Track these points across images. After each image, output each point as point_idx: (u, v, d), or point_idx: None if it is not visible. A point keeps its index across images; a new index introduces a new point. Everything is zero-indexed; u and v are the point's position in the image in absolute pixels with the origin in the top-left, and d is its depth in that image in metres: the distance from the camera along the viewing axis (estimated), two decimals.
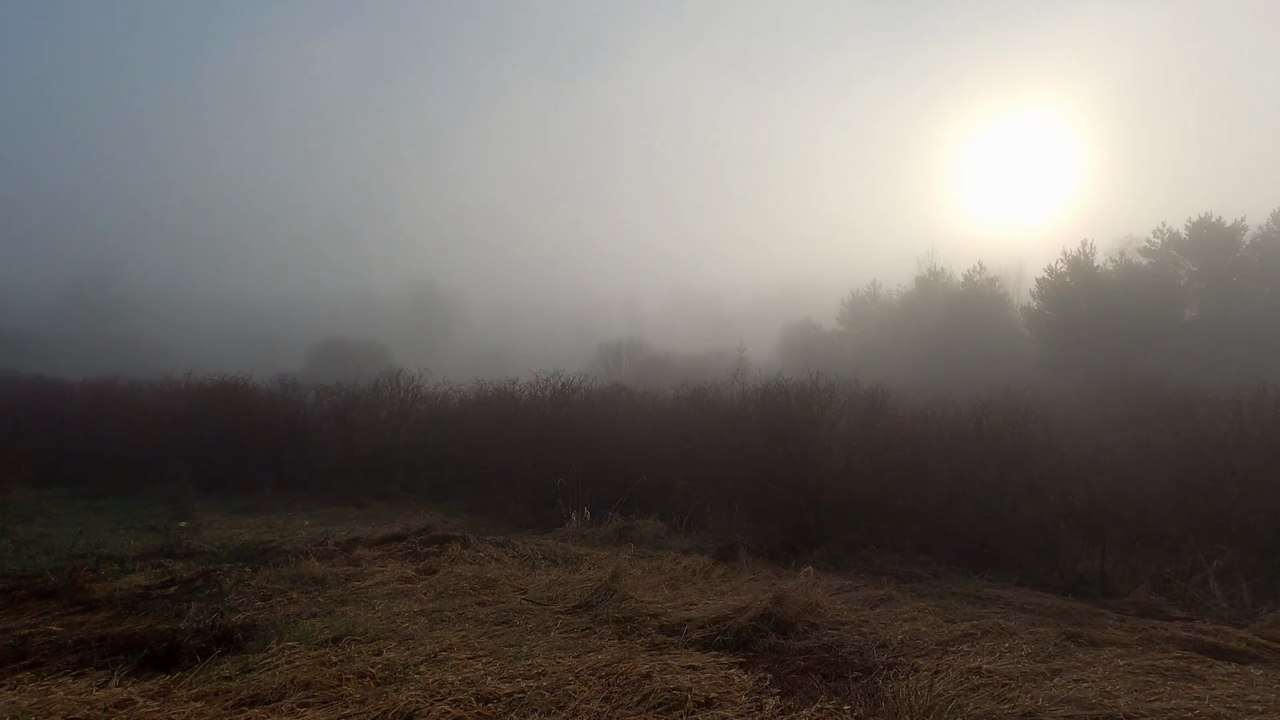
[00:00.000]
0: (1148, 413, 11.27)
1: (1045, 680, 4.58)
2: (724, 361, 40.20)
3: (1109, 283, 32.46)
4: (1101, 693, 4.36)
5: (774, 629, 5.40)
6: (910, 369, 33.13)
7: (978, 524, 8.55)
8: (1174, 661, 5.13)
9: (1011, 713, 3.98)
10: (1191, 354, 29.09)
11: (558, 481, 9.91)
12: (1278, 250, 32.01)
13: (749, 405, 11.91)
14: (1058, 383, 23.84)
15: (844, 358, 40.73)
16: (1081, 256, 33.35)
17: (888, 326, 41.29)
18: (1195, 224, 33.15)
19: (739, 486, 9.96)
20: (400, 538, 8.47)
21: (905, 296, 42.07)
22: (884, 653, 5.09)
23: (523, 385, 14.64)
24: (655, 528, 9.35)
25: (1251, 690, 4.59)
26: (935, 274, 40.62)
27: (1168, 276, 32.92)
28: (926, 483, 9.17)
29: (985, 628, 5.73)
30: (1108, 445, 10.03)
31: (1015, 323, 36.08)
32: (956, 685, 4.40)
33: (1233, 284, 31.86)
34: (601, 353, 48.38)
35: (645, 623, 5.55)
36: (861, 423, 10.58)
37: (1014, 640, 5.44)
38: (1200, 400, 10.52)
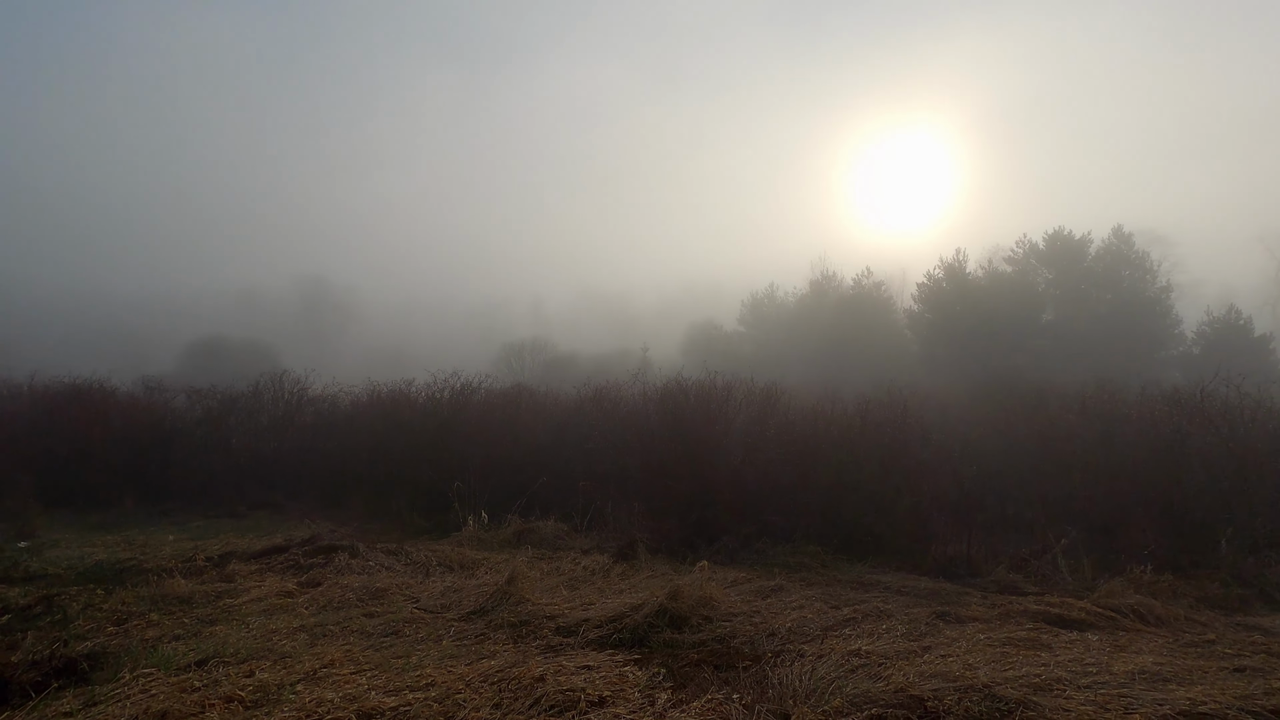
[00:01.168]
0: (1008, 407, 12.33)
1: (917, 657, 4.92)
2: (629, 361, 40.45)
3: (979, 288, 35.37)
4: (964, 665, 4.73)
5: (669, 624, 5.49)
6: (805, 368, 34.72)
7: (862, 514, 9.07)
8: (1026, 633, 5.65)
9: (886, 690, 4.24)
10: (1048, 353, 32.20)
11: (454, 485, 9.64)
12: (1117, 261, 36.01)
13: (650, 404, 12.06)
14: (935, 380, 25.66)
15: (744, 357, 42.06)
16: (956, 264, 36.17)
17: (784, 327, 43.02)
18: (1051, 236, 36.76)
19: (639, 485, 10.07)
20: (281, 550, 7.95)
21: (800, 299, 44.01)
22: (773, 641, 5.29)
23: (419, 386, 14.13)
24: (556, 529, 9.28)
25: (1088, 654, 5.13)
26: (827, 278, 42.77)
27: (1028, 283, 36.27)
28: (816, 476, 9.63)
29: (866, 611, 6.09)
30: (974, 438, 10.89)
31: (899, 324, 38.59)
32: (837, 667, 4.64)
33: (1081, 290, 35.53)
34: (505, 352, 47.53)
35: (542, 625, 5.49)
36: (756, 420, 10.96)
37: (891, 622, 5.81)
38: (1051, 395, 11.65)
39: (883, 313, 38.77)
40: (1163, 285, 35.87)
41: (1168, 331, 34.98)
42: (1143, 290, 35.22)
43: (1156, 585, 6.78)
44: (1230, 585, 7.04)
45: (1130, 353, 31.63)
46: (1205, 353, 32.09)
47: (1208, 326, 34.07)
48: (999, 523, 8.99)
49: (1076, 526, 8.53)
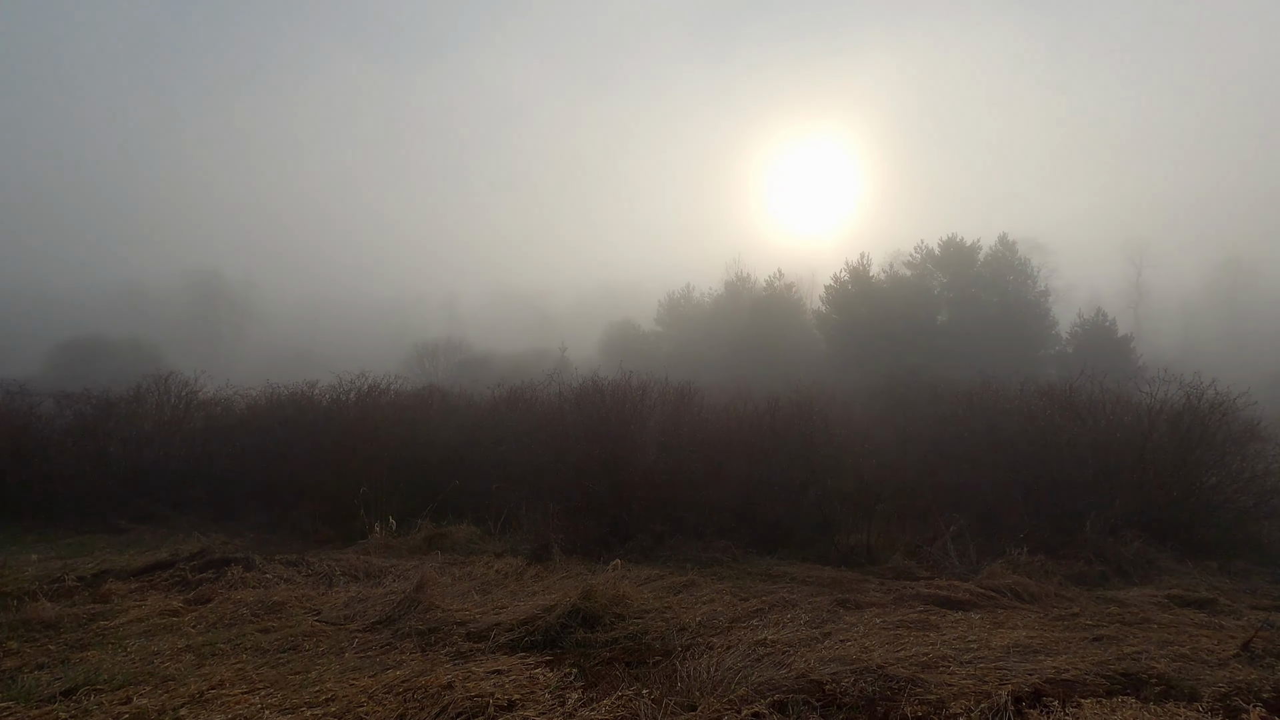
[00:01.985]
0: (905, 404, 13.10)
1: (818, 644, 5.15)
2: (546, 361, 40.09)
3: (881, 291, 37.32)
4: (861, 648, 5.00)
5: (582, 624, 5.50)
6: (720, 367, 35.54)
7: (771, 508, 9.40)
8: (918, 615, 6.03)
9: (789, 676, 4.42)
10: (943, 352, 34.39)
11: (360, 491, 9.27)
12: (1003, 267, 38.89)
13: (565, 405, 12.02)
14: (841, 378, 26.84)
15: (661, 357, 42.59)
16: (860, 267, 38.01)
17: (700, 327, 43.86)
18: (945, 242, 39.27)
19: (555, 486, 10.01)
20: (166, 565, 7.40)
21: (716, 299, 45.00)
22: (683, 635, 5.40)
23: (323, 388, 13.48)
24: (469, 533, 9.10)
25: (971, 632, 5.53)
26: (742, 279, 43.95)
27: (925, 286, 38.60)
28: (728, 473, 9.89)
29: (773, 602, 6.32)
30: (875, 432, 11.51)
31: (808, 324, 40.14)
32: (744, 657, 4.80)
33: (972, 294, 38.15)
34: (417, 352, 46.05)
35: (451, 631, 5.38)
36: (671, 419, 11.14)
37: (795, 611, 6.06)
38: (943, 392, 12.45)
39: (793, 313, 40.23)
40: (1042, 290, 39.08)
41: (1046, 332, 38.10)
42: (1025, 294, 38.21)
43: (1031, 566, 7.39)
44: (1093, 563, 7.77)
45: (1014, 352, 34.22)
46: (1077, 352, 35.17)
47: (1079, 328, 37.37)
48: (896, 512, 9.53)
49: (965, 514, 9.15)
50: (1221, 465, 9.37)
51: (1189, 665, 4.76)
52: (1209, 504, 9.10)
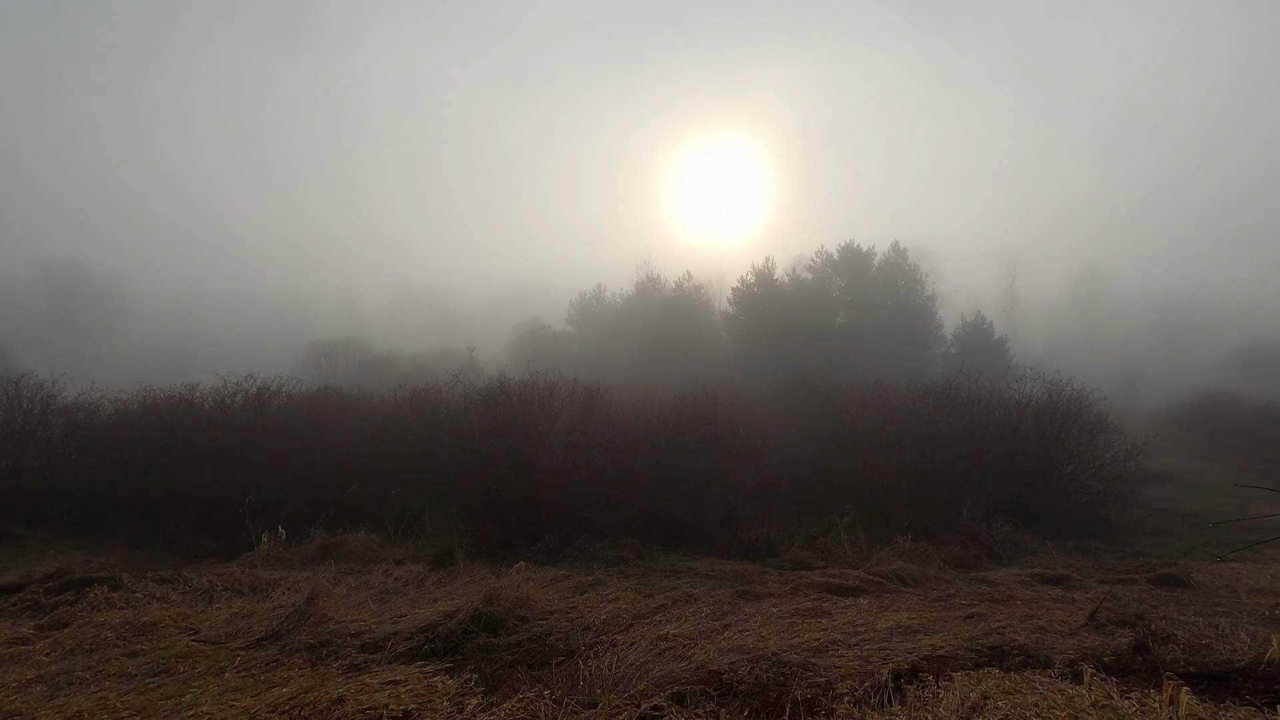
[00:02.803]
0: (804, 402, 13.69)
1: (718, 635, 5.31)
2: (453, 361, 38.99)
3: (784, 293, 38.73)
4: (758, 637, 5.20)
5: (484, 628, 5.41)
6: (630, 367, 35.79)
7: (677, 506, 9.58)
8: (812, 603, 6.33)
9: (688, 668, 4.54)
10: (841, 352, 36.17)
11: (246, 500, 8.69)
12: (895, 272, 41.33)
13: (472, 406, 11.76)
14: (747, 378, 27.70)
15: (572, 357, 42.39)
16: (765, 270, 39.30)
17: (611, 327, 43.95)
18: (843, 248, 41.27)
19: (460, 489, 9.79)
20: (16, 589, 6.67)
21: (627, 300, 45.21)
22: (588, 634, 5.42)
23: (206, 391, 12.52)
24: (367, 540, 8.73)
25: (860, 616, 5.87)
26: (652, 280, 44.36)
27: (825, 289, 40.41)
28: (635, 472, 10.00)
29: (676, 597, 6.45)
30: (776, 430, 11.96)
31: (716, 325, 41.08)
32: (646, 652, 4.88)
33: (867, 297, 40.28)
34: (313, 353, 43.56)
35: (345, 644, 5.15)
36: (579, 419, 11.13)
37: (698, 605, 6.21)
38: (839, 391, 13.10)
39: (702, 314, 41.03)
40: (929, 294, 41.79)
41: (933, 334, 40.77)
42: (914, 298, 40.73)
43: (915, 552, 7.92)
44: (969, 547, 8.43)
45: (905, 352, 36.45)
46: (960, 352, 37.88)
47: (961, 330, 40.25)
48: (795, 506, 9.95)
49: (857, 505, 9.70)
50: (1077, 455, 10.39)
51: (1045, 636, 5.26)
52: (1067, 490, 10.07)
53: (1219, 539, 9.10)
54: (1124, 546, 9.08)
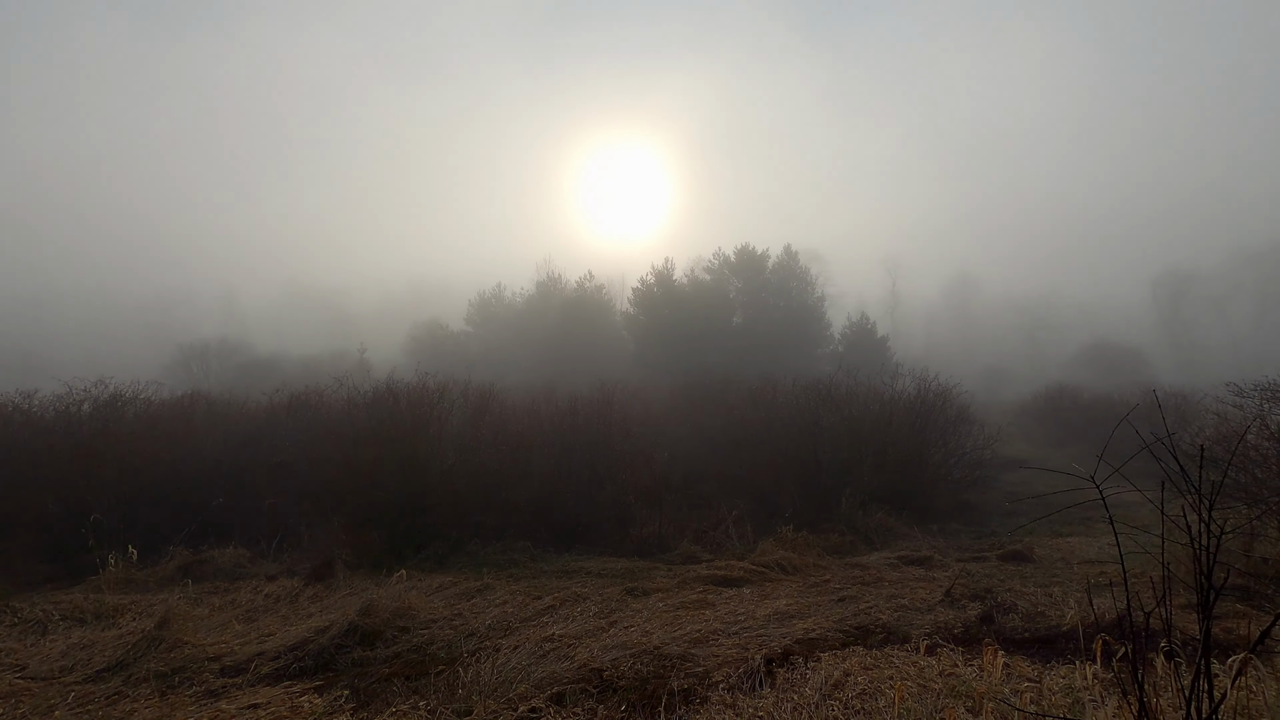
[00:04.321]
0: (697, 400, 14.03)
1: (604, 633, 5.35)
2: (344, 363, 37.11)
3: (683, 293, 39.56)
4: (643, 632, 5.28)
5: (360, 642, 5.18)
6: (531, 367, 35.39)
7: (571, 506, 9.55)
8: (698, 595, 6.50)
9: (571, 667, 4.54)
10: (738, 351, 37.32)
11: (92, 518, 7.86)
12: (788, 274, 43.18)
13: (357, 410, 11.21)
14: (646, 377, 28.06)
15: (471, 357, 41.40)
16: (665, 271, 39.97)
17: (512, 327, 43.26)
18: (740, 250, 42.65)
19: (342, 497, 9.31)
20: None
21: (528, 300, 44.65)
22: (472, 640, 5.31)
23: (47, 398, 11.24)
24: (236, 556, 8.14)
25: (742, 606, 6.08)
26: (553, 279, 44.03)
27: (722, 290, 41.61)
28: (529, 473, 9.89)
29: (565, 598, 6.43)
30: (670, 428, 12.19)
31: (617, 325, 41.35)
32: (530, 655, 4.84)
33: (762, 298, 41.85)
34: (183, 355, 40.15)
35: (201, 669, 4.78)
36: (472, 421, 10.87)
37: (586, 604, 6.22)
38: (730, 388, 13.52)
39: (603, 314, 41.19)
40: (819, 296, 43.96)
41: (822, 333, 42.91)
42: (806, 299, 42.72)
43: (796, 541, 8.29)
44: (845, 534, 8.93)
45: (797, 350, 38.20)
46: (847, 351, 40.11)
47: (848, 330, 42.62)
48: (688, 501, 10.16)
49: (746, 499, 10.04)
50: (943, 444, 11.25)
51: (906, 613, 5.66)
52: (934, 477, 10.88)
53: (1063, 516, 10.13)
54: (981, 527, 9.92)
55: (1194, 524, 2.14)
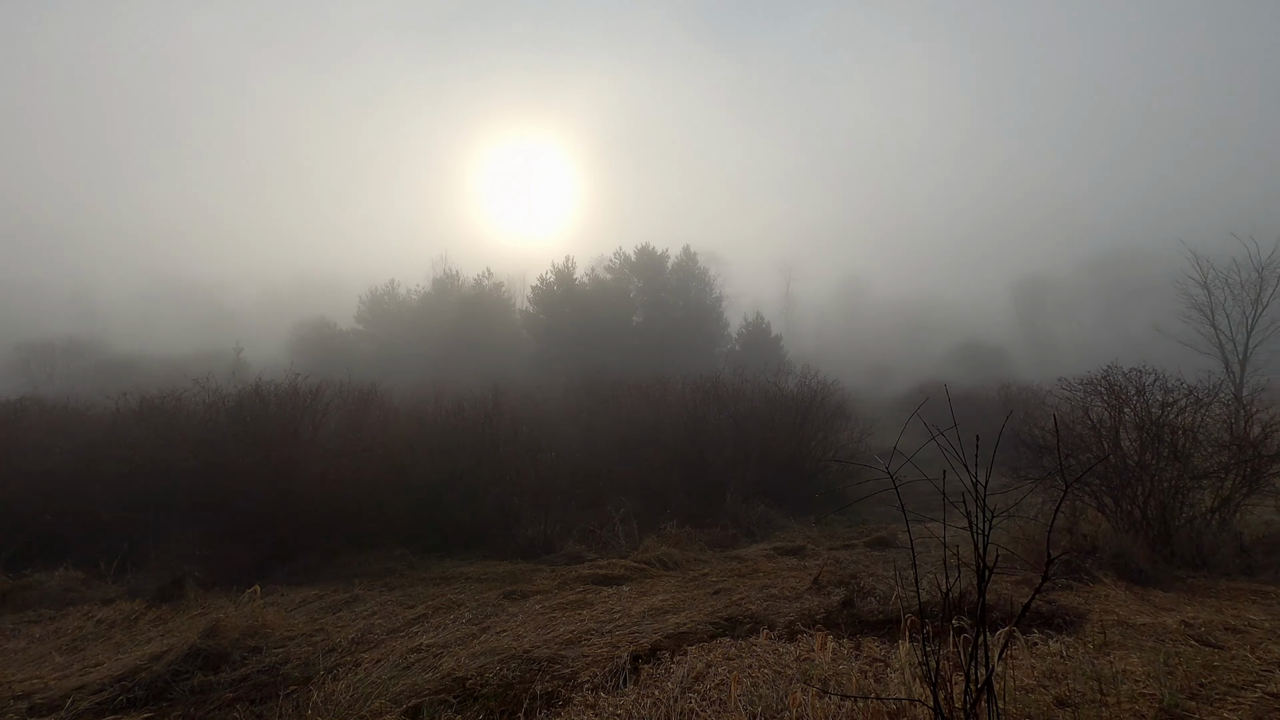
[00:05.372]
0: (594, 398, 14.00)
1: (475, 640, 5.20)
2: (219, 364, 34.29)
3: (584, 292, 39.49)
4: (515, 637, 5.18)
5: (203, 666, 4.78)
6: (427, 367, 34.15)
7: (455, 510, 9.27)
8: (577, 595, 6.47)
9: (434, 678, 4.38)
10: (638, 350, 37.68)
11: None
12: (687, 275, 44.05)
13: (220, 414, 10.37)
14: (545, 377, 27.76)
15: (362, 357, 39.48)
16: (565, 270, 39.73)
17: (406, 325, 41.58)
18: (640, 250, 43.07)
19: (198, 508, 8.58)
20: None
21: (423, 297, 43.03)
22: (331, 656, 5.02)
23: None
24: (67, 579, 7.31)
25: (620, 604, 6.10)
26: (451, 276, 42.67)
27: (623, 289, 41.88)
28: (412, 478, 9.51)
29: (439, 605, 6.22)
30: (563, 428, 12.09)
31: (517, 324, 40.68)
32: (393, 668, 4.64)
33: (662, 297, 42.46)
34: (20, 355, 35.82)
35: (5, 709, 4.24)
36: (350, 424, 10.33)
37: (460, 611, 6.04)
38: (622, 386, 13.59)
39: (503, 312, 40.38)
40: (717, 296, 45.13)
41: (720, 332, 44.09)
42: (704, 299, 43.73)
43: (680, 537, 8.44)
44: (728, 528, 9.17)
45: (696, 349, 39.02)
46: (744, 349, 41.42)
47: (745, 329, 44.01)
48: (577, 501, 10.10)
49: (635, 496, 10.10)
50: (822, 438, 11.80)
51: (775, 602, 5.87)
52: (813, 470, 11.38)
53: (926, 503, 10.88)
54: (854, 517, 10.48)
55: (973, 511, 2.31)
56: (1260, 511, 7.26)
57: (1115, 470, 7.05)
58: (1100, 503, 7.13)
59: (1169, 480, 6.75)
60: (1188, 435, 6.86)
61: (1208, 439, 7.09)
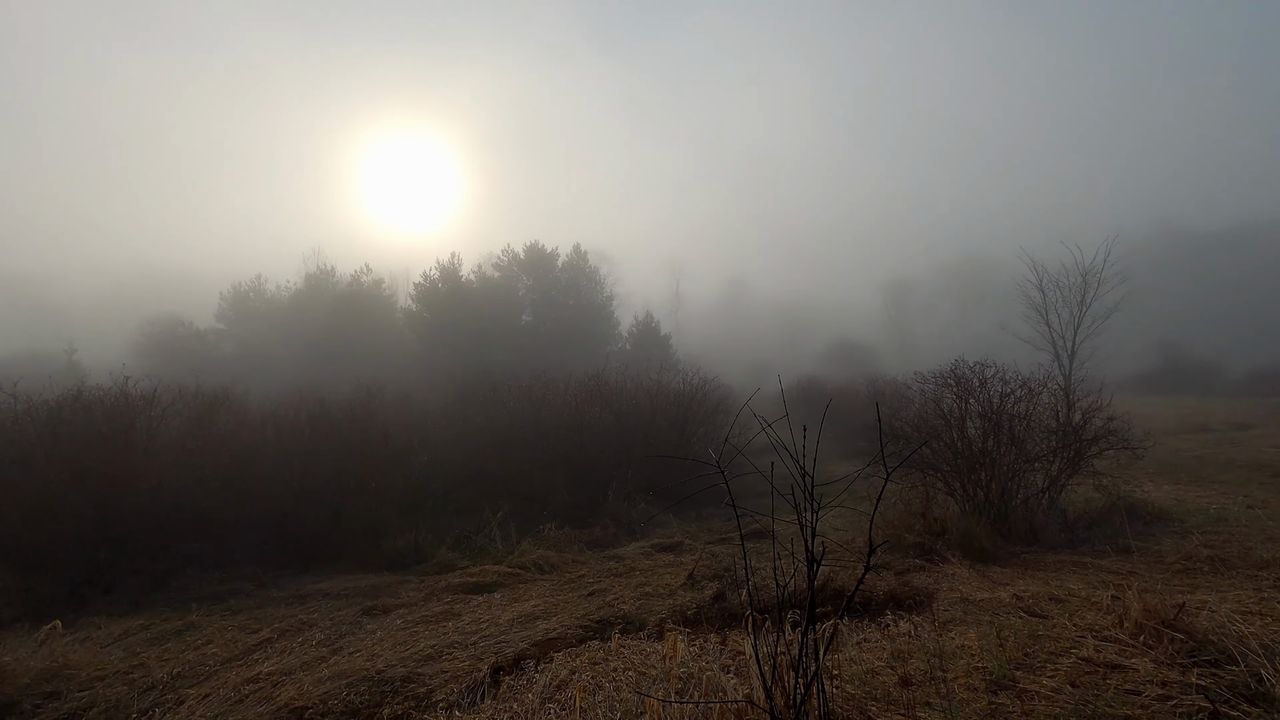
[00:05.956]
0: (476, 400, 13.51)
1: (322, 664, 4.76)
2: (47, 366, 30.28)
3: (471, 290, 38.28)
4: (369, 656, 4.79)
5: None
6: (298, 370, 31.88)
7: (315, 522, 8.58)
8: (444, 606, 6.12)
9: (268, 710, 3.95)
10: (527, 350, 37.00)
11: None
12: (577, 273, 43.80)
13: (37, 426, 9.02)
14: (429, 378, 26.62)
15: (223, 360, 36.33)
16: (451, 267, 38.31)
17: (275, 324, 38.58)
18: (529, 247, 42.34)
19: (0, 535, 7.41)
20: None
21: (294, 294, 40.08)
22: (149, 696, 4.43)
23: None
24: None
25: (489, 612, 5.83)
26: (325, 272, 40.02)
27: (512, 288, 41.01)
28: (265, 488, 8.71)
29: (287, 627, 5.69)
30: (440, 430, 11.55)
31: (399, 323, 38.80)
32: (222, 703, 4.15)
33: (552, 296, 41.96)
34: None
35: None
36: (193, 432, 9.31)
37: (312, 632, 5.55)
38: (502, 387, 13.20)
39: (383, 311, 38.37)
40: (608, 295, 45.21)
41: (611, 331, 44.19)
42: (595, 298, 43.66)
43: (559, 539, 8.25)
44: (609, 527, 9.08)
45: (587, 348, 38.85)
46: (634, 348, 41.76)
47: (635, 328, 44.37)
48: (455, 506, 9.68)
49: (515, 499, 9.80)
50: (703, 434, 11.99)
51: (649, 600, 5.82)
52: (694, 465, 11.53)
53: None
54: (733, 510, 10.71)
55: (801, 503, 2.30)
56: (1082, 490, 8.08)
57: (963, 456, 7.60)
58: (950, 487, 7.66)
59: (1007, 464, 7.35)
60: (1022, 423, 7.50)
61: (1039, 426, 7.79)
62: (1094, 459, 7.59)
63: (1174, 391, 35.72)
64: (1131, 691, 3.06)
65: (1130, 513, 7.43)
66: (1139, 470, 10.03)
